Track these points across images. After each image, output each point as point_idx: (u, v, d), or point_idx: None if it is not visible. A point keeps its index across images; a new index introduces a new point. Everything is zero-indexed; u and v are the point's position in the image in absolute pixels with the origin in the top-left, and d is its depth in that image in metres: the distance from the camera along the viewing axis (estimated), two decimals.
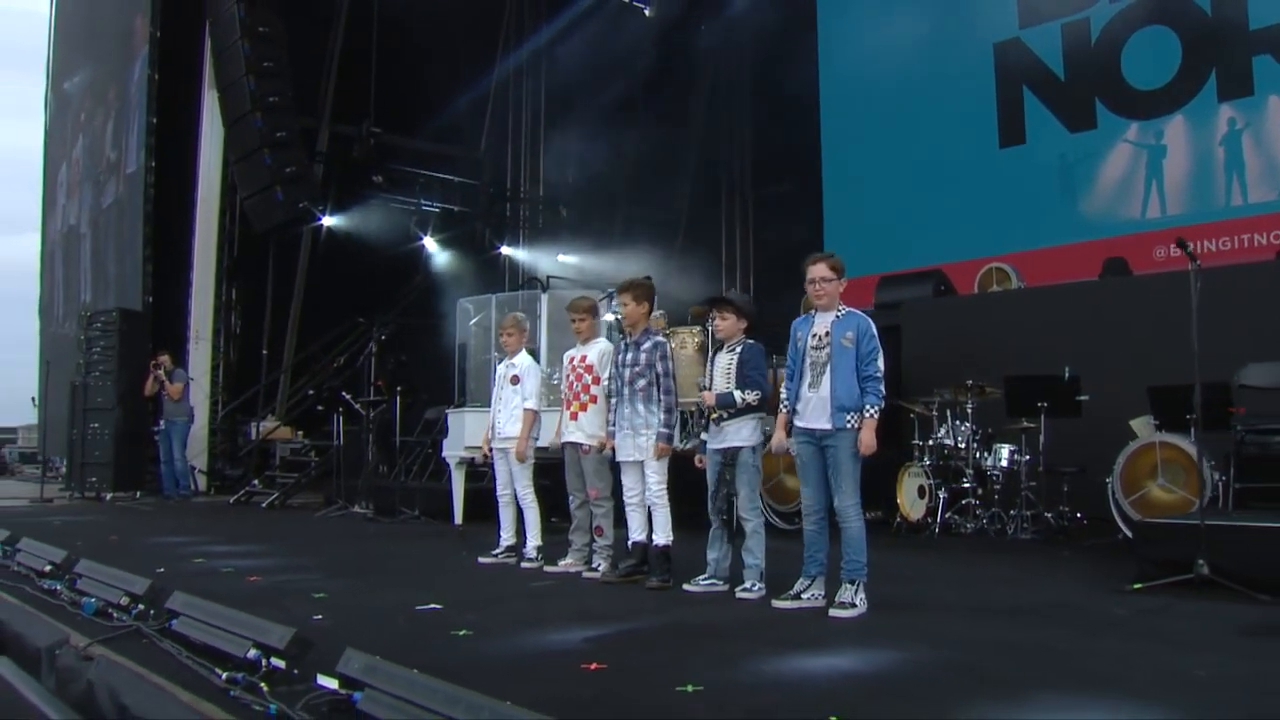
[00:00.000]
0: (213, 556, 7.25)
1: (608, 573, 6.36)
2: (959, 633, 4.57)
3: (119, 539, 8.48)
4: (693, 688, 3.51)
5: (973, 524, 8.47)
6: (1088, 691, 3.46)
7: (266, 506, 12.12)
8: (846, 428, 5.04)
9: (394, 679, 3.13)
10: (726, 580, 5.71)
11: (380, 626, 4.74)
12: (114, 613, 4.74)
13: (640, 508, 6.29)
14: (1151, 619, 4.84)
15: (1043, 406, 8.25)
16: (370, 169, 16.81)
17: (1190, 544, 5.54)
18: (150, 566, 6.28)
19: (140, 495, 13.19)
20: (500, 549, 7.25)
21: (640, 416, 6.17)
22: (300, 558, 7.37)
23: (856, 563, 5.03)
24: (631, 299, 6.32)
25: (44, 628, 4.57)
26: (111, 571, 5.21)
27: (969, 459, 8.58)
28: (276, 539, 8.72)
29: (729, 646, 4.29)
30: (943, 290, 11.61)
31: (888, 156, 15.64)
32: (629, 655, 4.16)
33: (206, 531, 9.08)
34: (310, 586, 5.90)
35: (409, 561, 7.46)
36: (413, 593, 5.61)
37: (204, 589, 4.98)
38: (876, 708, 3.32)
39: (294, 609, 5.09)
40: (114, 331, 13.33)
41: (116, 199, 16.95)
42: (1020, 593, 5.79)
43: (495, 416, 7.27)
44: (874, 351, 5.07)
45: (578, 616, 5.01)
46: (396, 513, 10.58)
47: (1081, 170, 13.89)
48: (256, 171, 13.60)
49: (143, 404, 13.51)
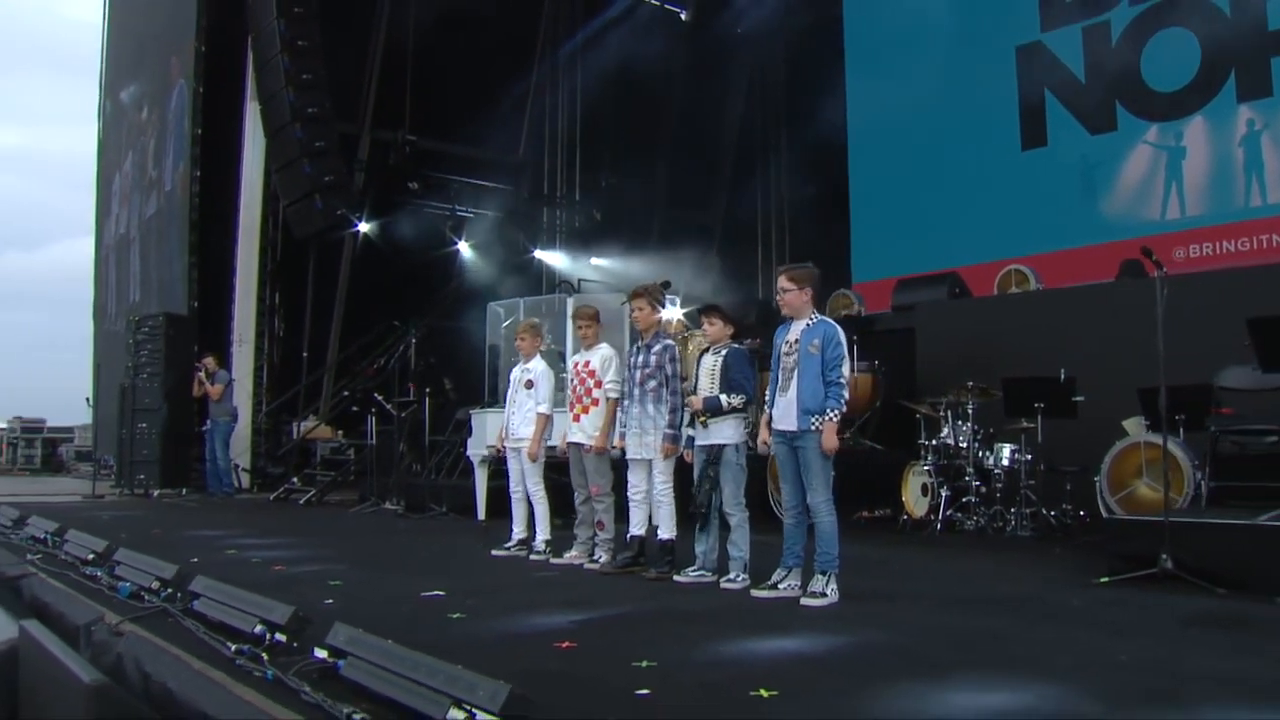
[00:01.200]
0: (244, 548, 7.76)
1: (607, 564, 6.77)
2: (915, 620, 4.92)
3: (161, 532, 9.04)
4: (647, 663, 3.91)
5: (973, 521, 8.76)
6: (1007, 672, 3.80)
7: (304, 503, 12.67)
8: (812, 429, 5.41)
9: (371, 648, 3.56)
10: (715, 571, 6.10)
11: (384, 609, 5.18)
12: (145, 595, 5.26)
13: (643, 504, 6.70)
14: (1103, 609, 5.14)
15: (1039, 407, 8.52)
16: (406, 176, 17.33)
17: (1156, 540, 5.83)
18: (186, 556, 6.78)
19: (186, 492, 13.83)
20: (512, 542, 7.68)
21: (649, 417, 6.56)
22: (324, 550, 7.86)
23: (828, 555, 5.40)
24: (646, 304, 6.73)
25: (83, 608, 5.06)
26: (145, 559, 5.72)
27: (970, 458, 8.86)
28: (306, 533, 9.23)
29: (695, 630, 4.68)
30: (957, 293, 11.89)
31: (911, 160, 15.90)
32: (602, 636, 4.57)
33: (242, 526, 9.62)
34: (328, 575, 6.38)
35: (426, 554, 7.94)
36: (422, 580, 6.06)
37: (231, 576, 5.45)
38: (805, 682, 3.69)
39: (309, 594, 5.55)
40: (160, 335, 13.99)
41: (158, 210, 17.73)
42: (993, 585, 6.11)
43: (510, 418, 7.71)
44: (838, 358, 5.43)
45: (570, 603, 5.42)
46: (426, 509, 11.07)
47: (1102, 172, 14.06)
48: (296, 180, 14.17)
49: (188, 404, 14.16)
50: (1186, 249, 13.17)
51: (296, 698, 3.44)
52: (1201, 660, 4.00)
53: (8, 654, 3.16)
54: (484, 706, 2.91)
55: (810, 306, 5.65)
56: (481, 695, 2.94)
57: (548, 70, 20.68)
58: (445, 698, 3.04)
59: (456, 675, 3.10)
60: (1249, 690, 3.53)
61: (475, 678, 3.04)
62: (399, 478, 12.12)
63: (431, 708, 3.06)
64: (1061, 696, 3.41)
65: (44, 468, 23.14)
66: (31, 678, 3.06)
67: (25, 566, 6.22)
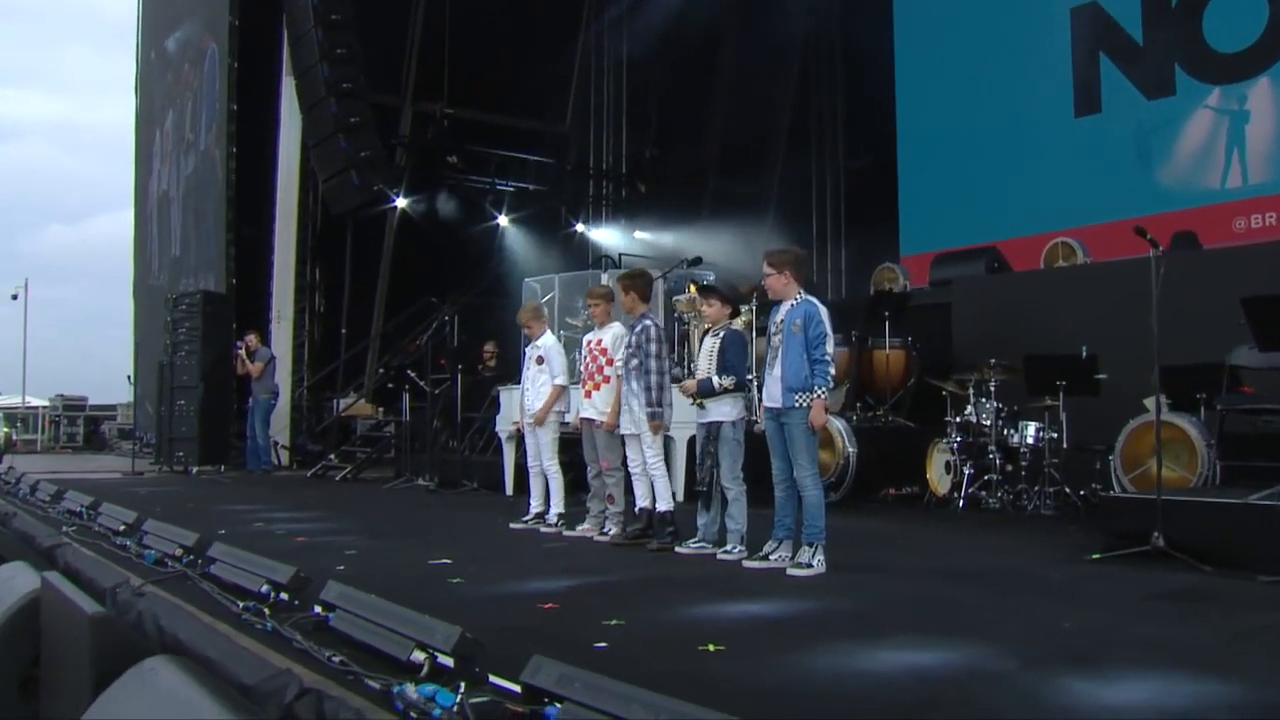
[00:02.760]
0: (273, 521, 8.45)
1: (617, 536, 7.35)
2: (886, 589, 5.41)
3: (194, 506, 9.78)
4: (617, 621, 4.44)
5: (996, 499, 9.14)
6: (946, 635, 4.25)
7: (340, 480, 13.41)
8: (796, 406, 5.90)
9: (357, 602, 4.14)
10: (715, 543, 6.61)
11: (390, 573, 5.80)
12: (169, 561, 5.91)
13: (642, 476, 7.27)
14: (1078, 583, 5.55)
15: (1061, 385, 8.85)
16: (445, 150, 17.96)
17: (1149, 518, 6.18)
18: (215, 528, 7.47)
19: (224, 469, 14.66)
20: (530, 515, 8.28)
21: (635, 394, 7.15)
22: (348, 523, 8.52)
23: (814, 527, 5.87)
24: (622, 290, 7.38)
25: (110, 572, 5.71)
26: (171, 529, 6.38)
27: (993, 436, 9.24)
28: (334, 508, 9.92)
29: (675, 595, 5.20)
30: (995, 267, 12.16)
31: (959, 128, 16.07)
32: (585, 598, 5.11)
33: (275, 501, 10.34)
34: (347, 545, 7.02)
35: (446, 527, 8.58)
36: (434, 550, 6.67)
37: (253, 546, 6.07)
38: (753, 639, 4.20)
39: (324, 561, 6.16)
40: (198, 313, 14.78)
41: (194, 169, 18.65)
42: (985, 559, 6.53)
43: (525, 395, 8.29)
44: (821, 336, 5.89)
45: (568, 570, 5.98)
46: (458, 485, 11.72)
47: (1159, 139, 14.09)
48: (332, 156, 14.88)
49: (226, 382, 14.98)
50: (1247, 219, 13.26)
51: (289, 645, 4.02)
52: (1142, 630, 4.39)
53: (31, 603, 3.77)
54: (439, 647, 3.46)
55: (794, 288, 6.11)
56: (438, 638, 3.49)
57: (593, 38, 21.13)
58: (410, 641, 3.60)
59: (420, 622, 3.66)
60: (1171, 656, 3.92)
61: (435, 623, 3.59)
62: (432, 454, 12.78)
63: (399, 650, 3.62)
64: (983, 656, 3.86)
65: (86, 445, 24.19)
66: (51, 621, 3.67)
67: (60, 538, 6.92)
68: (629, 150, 21.46)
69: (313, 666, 3.68)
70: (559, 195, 20.07)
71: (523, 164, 19.61)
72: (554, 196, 19.96)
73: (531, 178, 19.68)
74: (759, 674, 3.65)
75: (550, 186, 19.87)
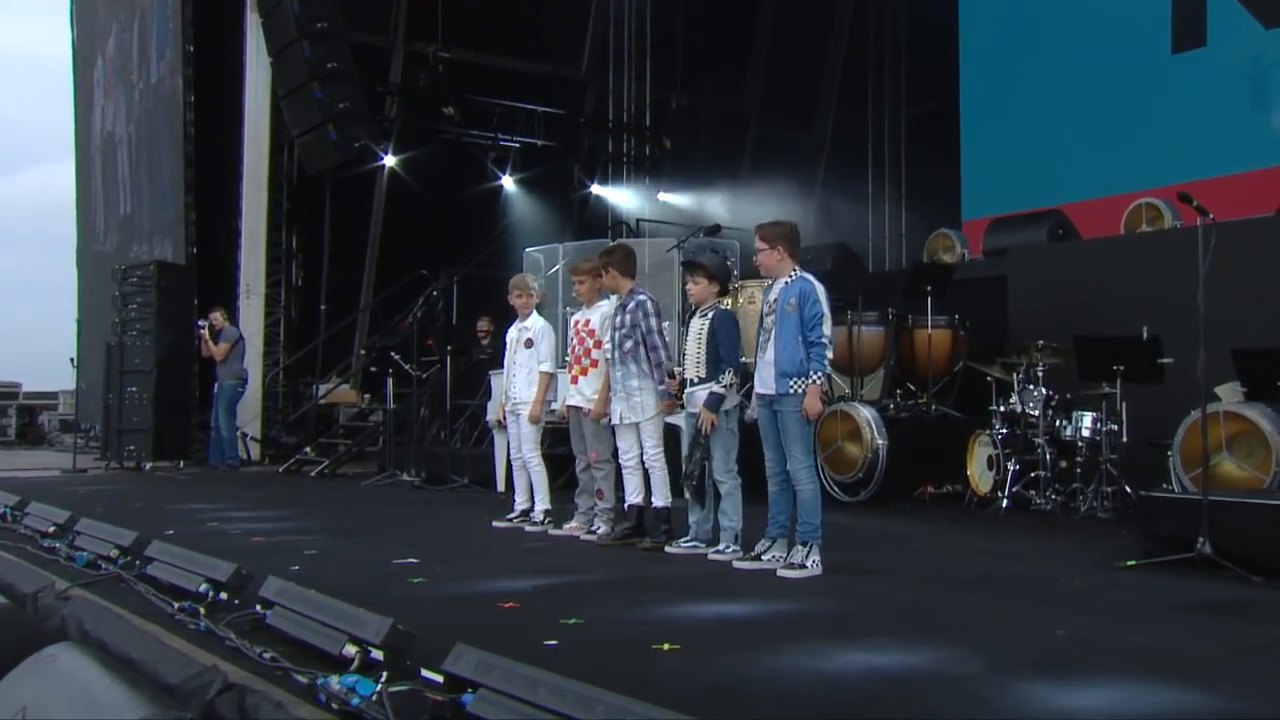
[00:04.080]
0: (229, 521, 8.97)
1: (606, 535, 7.80)
2: (877, 592, 5.86)
3: (143, 505, 10.33)
4: (575, 621, 4.91)
5: (1045, 499, 9.45)
6: (918, 638, 4.68)
7: (315, 475, 13.93)
8: (790, 392, 6.31)
9: (294, 598, 4.62)
10: (708, 542, 7.06)
11: (347, 573, 6.29)
12: (102, 564, 6.40)
13: (636, 470, 7.70)
14: (1100, 591, 5.93)
15: (1118, 370, 9.12)
16: (440, 100, 18.36)
17: (1194, 521, 6.42)
18: (162, 529, 7.91)
19: (184, 465, 15.10)
20: (515, 513, 8.74)
21: (633, 379, 7.54)
22: (315, 521, 9.05)
23: (809, 525, 6.29)
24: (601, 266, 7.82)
25: (32, 576, 6.20)
26: (106, 528, 6.86)
27: (1041, 427, 9.55)
28: (303, 506, 10.47)
29: (648, 595, 5.66)
30: (1060, 234, 12.34)
31: (1032, 71, 16.10)
32: (549, 598, 5.58)
33: (237, 499, 10.87)
34: (307, 544, 7.53)
35: (422, 525, 9.12)
36: (402, 549, 7.16)
37: (201, 546, 6.52)
38: (713, 640, 4.64)
39: (279, 561, 6.63)
40: (152, 286, 15.04)
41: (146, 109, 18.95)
42: (1004, 565, 6.92)
43: (510, 381, 8.74)
44: (817, 317, 6.29)
45: (541, 570, 6.46)
46: (447, 481, 12.19)
47: (1278, 76, 13.91)
48: (306, 107, 15.19)
49: (186, 366, 15.45)
50: None
51: (221, 644, 4.50)
52: (1141, 639, 4.76)
53: None
54: (369, 640, 3.92)
55: (789, 264, 6.53)
56: (369, 630, 3.96)
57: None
58: (343, 635, 4.07)
59: (352, 615, 4.13)
60: (1160, 666, 4.27)
61: (367, 616, 4.06)
62: (418, 446, 13.27)
63: (331, 645, 4.09)
64: (952, 659, 4.28)
65: (20, 439, 23.59)
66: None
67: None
68: (654, 99, 21.75)
69: (243, 664, 4.18)
70: (572, 152, 20.42)
71: (530, 116, 19.91)
72: (566, 153, 20.31)
73: (540, 132, 19.98)
74: (707, 672, 4.09)
75: (561, 142, 20.22)
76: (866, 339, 11.22)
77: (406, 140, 18.71)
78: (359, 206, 18.98)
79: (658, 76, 21.60)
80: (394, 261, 18.18)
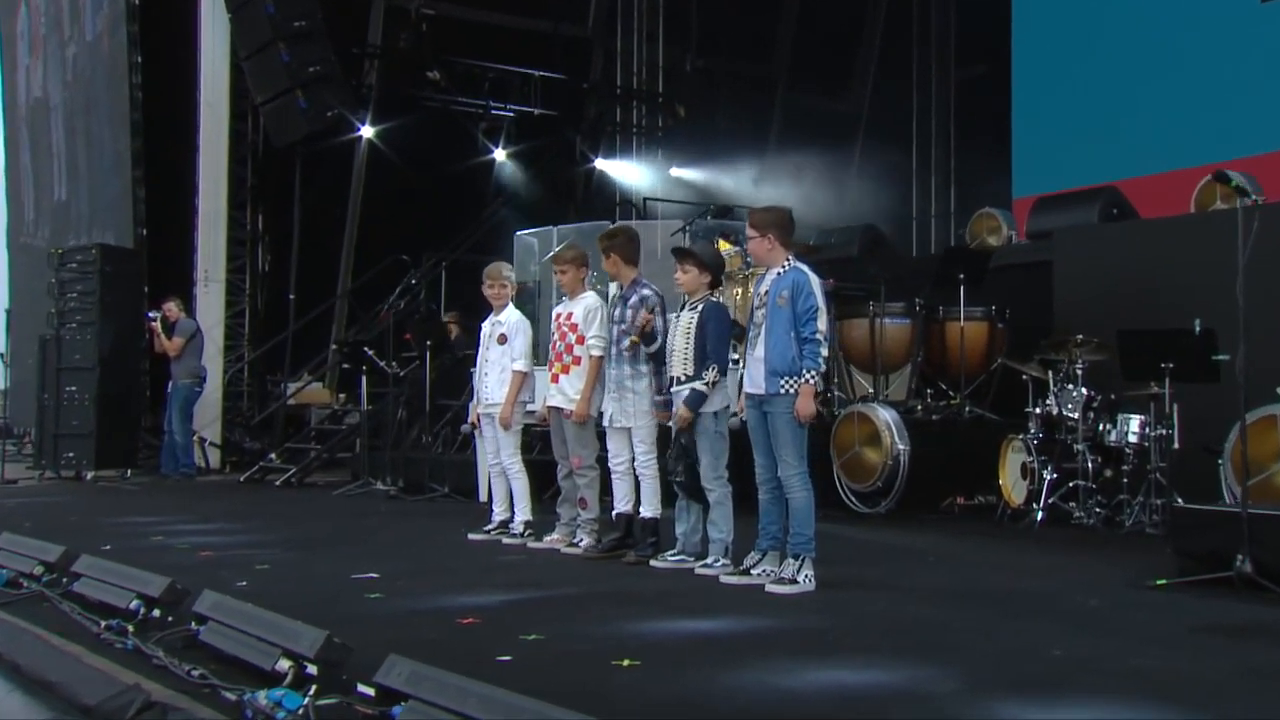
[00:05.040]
0: (175, 535, 9.30)
1: (590, 548, 8.11)
2: (873, 610, 6.17)
3: (79, 519, 10.68)
4: (535, 636, 5.25)
5: (1085, 512, 9.65)
6: (899, 657, 4.99)
7: (281, 484, 14.24)
8: (781, 393, 6.59)
9: (229, 612, 4.94)
10: (697, 555, 7.36)
11: (298, 589, 6.67)
12: (25, 582, 6.72)
13: (626, 475, 8.01)
14: (1117, 611, 6.19)
15: (1167, 368, 9.31)
16: (423, 63, 18.57)
17: (1234, 537, 6.59)
18: (99, 544, 8.20)
19: (131, 474, 15.21)
20: (493, 525, 9.05)
21: (627, 378, 7.84)
22: (272, 535, 9.44)
23: (801, 536, 6.58)
24: (602, 252, 8.07)
25: None
26: (31, 543, 7.19)
27: (1080, 432, 9.76)
28: (261, 518, 10.86)
29: (619, 610, 6.01)
30: (1114, 213, 12.42)
31: (1096, 23, 16.06)
32: (512, 614, 5.92)
33: (187, 511, 11.20)
34: (260, 559, 7.88)
35: (393, 537, 9.54)
36: (363, 564, 7.50)
37: (140, 561, 6.83)
38: (676, 656, 4.97)
39: (226, 577, 6.98)
40: (94, 273, 15.04)
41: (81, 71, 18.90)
42: (1020, 582, 7.20)
43: (481, 380, 9.05)
44: (811, 311, 6.56)
45: (511, 585, 6.82)
46: (426, 489, 12.48)
47: None
48: (271, 71, 15.41)
49: (135, 363, 15.67)
50: None
51: (148, 663, 4.83)
52: (1142, 661, 5.02)
53: None
54: (303, 654, 4.23)
55: (781, 253, 6.80)
56: (303, 643, 4.28)
57: None
58: (276, 649, 4.38)
59: (287, 628, 4.46)
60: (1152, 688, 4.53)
61: (303, 629, 4.38)
62: (395, 452, 13.57)
63: (264, 659, 4.42)
64: (926, 678, 4.59)
65: None
66: None
67: None
68: (667, 61, 21.97)
69: (170, 682, 4.53)
70: (574, 122, 20.62)
71: (526, 81, 19.97)
72: (567, 123, 20.53)
73: (538, 99, 20.07)
74: (661, 688, 4.41)
75: (562, 110, 20.38)
76: (891, 333, 11.42)
77: (386, 108, 18.93)
78: (334, 183, 19.26)
79: (672, 35, 21.78)
80: (373, 245, 18.49)
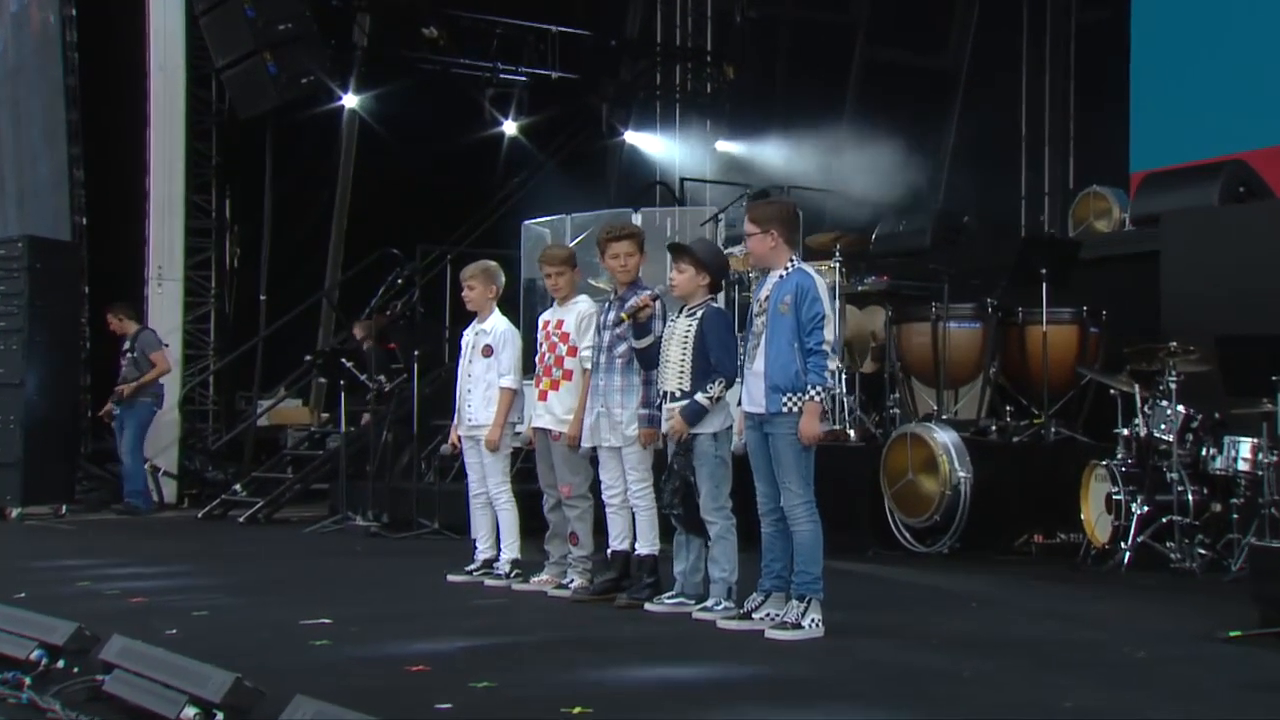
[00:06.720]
0: (106, 580, 9.85)
1: (581, 590, 8.59)
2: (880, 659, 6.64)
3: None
4: (486, 684, 5.80)
5: (1182, 553, 9.90)
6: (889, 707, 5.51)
7: (245, 521, 14.68)
8: (783, 411, 7.01)
9: (138, 658, 5.51)
10: (698, 596, 7.83)
11: (234, 637, 7.23)
12: None
13: (623, 508, 8.47)
14: (1165, 665, 6.56)
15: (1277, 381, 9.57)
16: (418, 18, 18.81)
17: None
18: (11, 591, 8.70)
19: (67, 510, 15.41)
20: (476, 564, 9.55)
21: (617, 392, 8.29)
22: (221, 579, 10.03)
23: (807, 575, 7.02)
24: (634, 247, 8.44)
25: None
26: None
27: (1174, 457, 9.99)
28: (211, 559, 11.46)
29: (591, 657, 6.59)
30: (1242, 191, 12.50)
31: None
32: (468, 661, 6.47)
33: (127, 553, 11.77)
34: (197, 605, 8.44)
35: (360, 579, 10.16)
36: (317, 609, 8.04)
37: (58, 609, 7.29)
38: (634, 704, 5.52)
39: (156, 625, 7.54)
40: (21, 271, 14.96)
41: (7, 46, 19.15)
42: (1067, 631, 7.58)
43: (464, 398, 9.51)
44: (817, 319, 6.97)
45: (479, 631, 7.40)
46: (414, 525, 12.94)
47: None
48: (234, 29, 15.88)
49: (71, 377, 16.02)
50: None
51: (42, 718, 5.37)
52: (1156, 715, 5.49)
53: None
54: (209, 699, 4.78)
55: (785, 253, 7.24)
56: (210, 688, 4.83)
57: None
58: (183, 695, 4.93)
59: (196, 672, 5.03)
60: None
61: (212, 672, 4.95)
62: (379, 482, 14.05)
63: (169, 707, 4.97)
64: None
65: None
66: None
67: None
68: (714, 9, 22.22)
69: None
70: (597, 88, 20.74)
71: (541, 38, 19.85)
72: (590, 89, 20.72)
73: (555, 60, 19.89)
74: None
75: (584, 74, 20.38)
76: (958, 339, 11.73)
77: (374, 73, 19.18)
78: (313, 162, 19.71)
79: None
80: (360, 236, 19.07)
